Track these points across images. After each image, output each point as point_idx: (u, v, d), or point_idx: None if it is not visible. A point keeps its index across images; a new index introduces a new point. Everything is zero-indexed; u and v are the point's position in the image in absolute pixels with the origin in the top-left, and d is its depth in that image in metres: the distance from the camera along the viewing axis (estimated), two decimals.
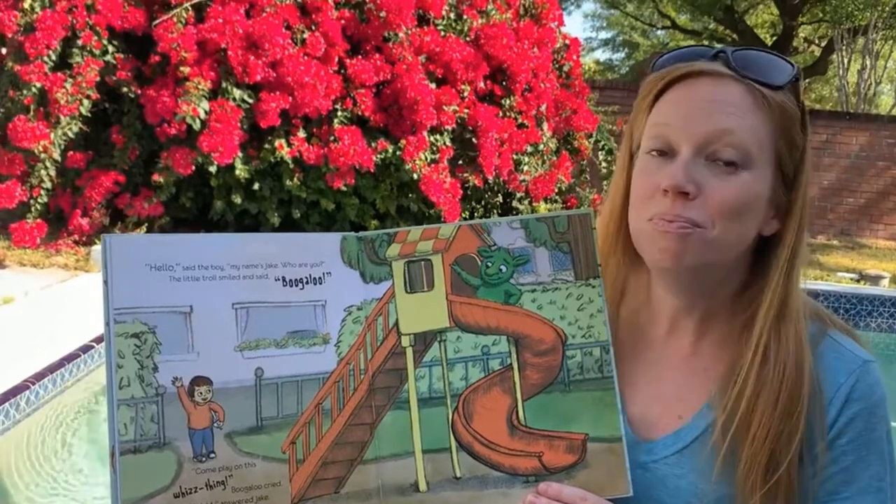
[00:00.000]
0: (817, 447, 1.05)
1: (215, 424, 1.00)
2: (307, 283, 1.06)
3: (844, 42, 16.43)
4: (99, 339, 4.57)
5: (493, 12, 8.46)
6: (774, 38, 20.72)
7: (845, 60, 16.59)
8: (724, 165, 1.02)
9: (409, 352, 1.08)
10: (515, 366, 1.08)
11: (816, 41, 21.40)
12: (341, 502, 1.03)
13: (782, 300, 1.06)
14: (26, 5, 7.24)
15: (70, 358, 4.29)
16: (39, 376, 4.01)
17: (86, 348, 4.45)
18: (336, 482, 1.04)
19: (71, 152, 7.36)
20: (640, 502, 1.07)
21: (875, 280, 8.84)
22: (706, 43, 22.09)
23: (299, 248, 1.07)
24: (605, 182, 9.82)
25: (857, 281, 8.90)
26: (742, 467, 1.04)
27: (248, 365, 1.02)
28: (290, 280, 1.05)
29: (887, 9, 15.85)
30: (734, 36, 20.49)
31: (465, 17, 8.29)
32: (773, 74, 1.04)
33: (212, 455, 0.99)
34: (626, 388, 1.14)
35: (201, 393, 1.00)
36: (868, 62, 16.16)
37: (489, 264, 1.10)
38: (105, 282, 0.97)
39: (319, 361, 1.05)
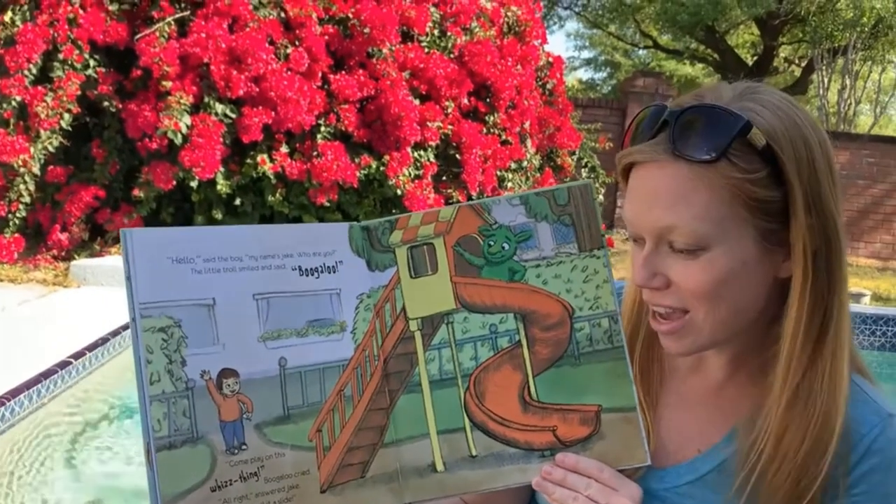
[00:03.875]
0: (836, 490, 1.02)
1: (244, 416, 1.01)
2: (322, 271, 1.07)
3: (824, 62, 16.62)
4: (77, 355, 4.51)
5: (477, 29, 8.49)
6: (755, 58, 20.91)
7: (825, 80, 16.78)
8: (683, 252, 0.99)
9: (418, 336, 1.09)
10: (524, 342, 1.08)
11: (797, 61, 21.61)
12: (367, 486, 1.04)
13: (815, 339, 1.01)
14: (7, 18, 7.19)
15: (48, 374, 4.23)
16: (16, 392, 3.94)
17: (64, 364, 4.38)
18: (361, 467, 1.05)
19: (51, 166, 7.30)
20: None
21: (856, 298, 8.88)
22: (686, 61, 22.27)
23: (312, 237, 1.08)
24: None
25: None
26: None
27: (271, 355, 1.03)
28: (306, 269, 1.06)
29: (866, 29, 16.05)
30: (715, 56, 20.68)
31: (449, 33, 8.30)
32: (708, 145, 0.96)
33: (244, 447, 1.00)
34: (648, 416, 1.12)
35: (229, 385, 1.00)
36: (848, 82, 16.35)
37: (491, 243, 1.09)
38: (128, 277, 0.97)
39: (338, 349, 1.06)
